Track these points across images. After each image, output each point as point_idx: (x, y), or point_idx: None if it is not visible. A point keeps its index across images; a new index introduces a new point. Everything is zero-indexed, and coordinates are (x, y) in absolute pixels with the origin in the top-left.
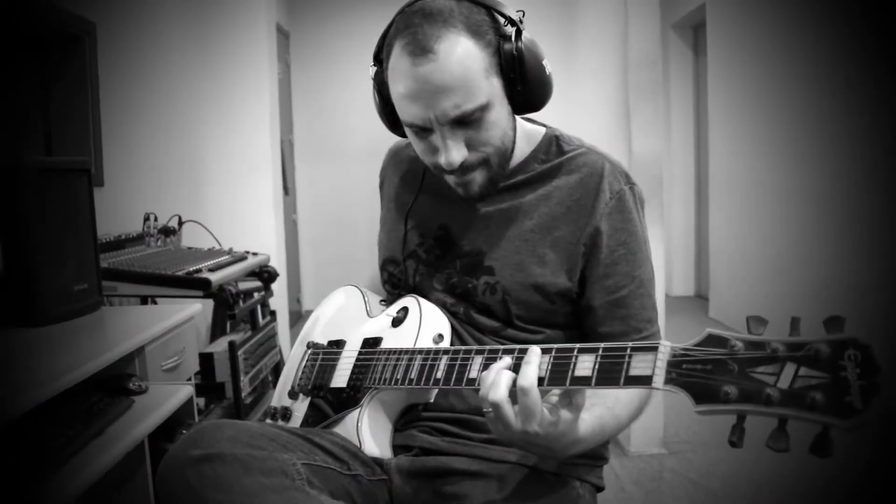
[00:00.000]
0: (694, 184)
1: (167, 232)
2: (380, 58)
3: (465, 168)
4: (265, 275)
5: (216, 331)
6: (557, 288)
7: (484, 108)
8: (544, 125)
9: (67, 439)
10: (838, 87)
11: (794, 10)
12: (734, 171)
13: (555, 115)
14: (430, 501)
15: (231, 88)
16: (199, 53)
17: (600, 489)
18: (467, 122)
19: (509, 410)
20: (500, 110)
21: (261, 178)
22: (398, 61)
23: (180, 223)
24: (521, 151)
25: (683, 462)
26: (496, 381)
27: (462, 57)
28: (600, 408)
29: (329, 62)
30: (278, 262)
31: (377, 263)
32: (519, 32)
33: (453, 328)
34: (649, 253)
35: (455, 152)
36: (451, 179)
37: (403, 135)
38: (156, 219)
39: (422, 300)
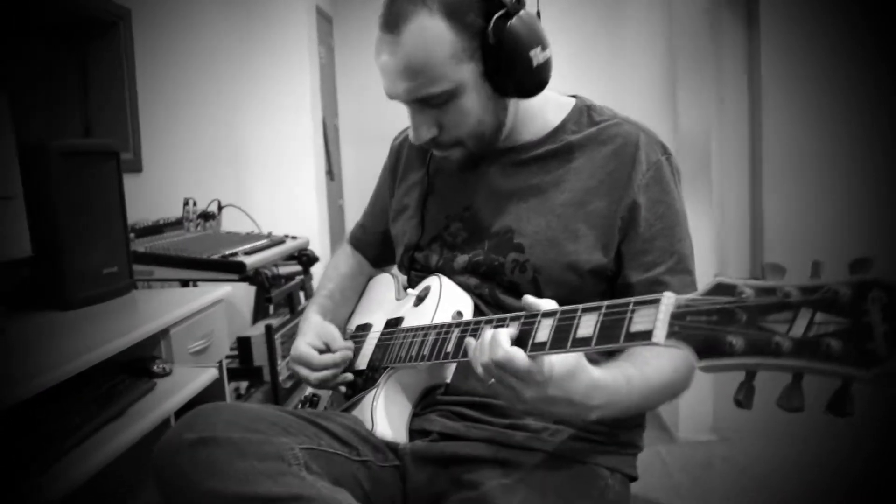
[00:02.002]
0: (748, 163)
1: (206, 216)
2: None
3: (439, 145)
4: (304, 258)
5: (258, 315)
6: (592, 265)
7: (451, 94)
8: (575, 95)
9: (83, 419)
10: None
11: None
12: (792, 150)
13: (598, 84)
14: (446, 489)
15: (271, 72)
16: (237, 37)
17: (633, 479)
18: (433, 105)
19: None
20: (472, 97)
21: (302, 162)
22: (378, 31)
23: (220, 208)
24: (549, 121)
25: (734, 449)
26: (480, 348)
27: (426, 41)
28: (626, 363)
29: (373, 46)
30: (321, 247)
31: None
32: (507, 15)
33: (479, 311)
34: (688, 227)
35: (421, 130)
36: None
37: None
38: (195, 204)
39: (444, 279)
